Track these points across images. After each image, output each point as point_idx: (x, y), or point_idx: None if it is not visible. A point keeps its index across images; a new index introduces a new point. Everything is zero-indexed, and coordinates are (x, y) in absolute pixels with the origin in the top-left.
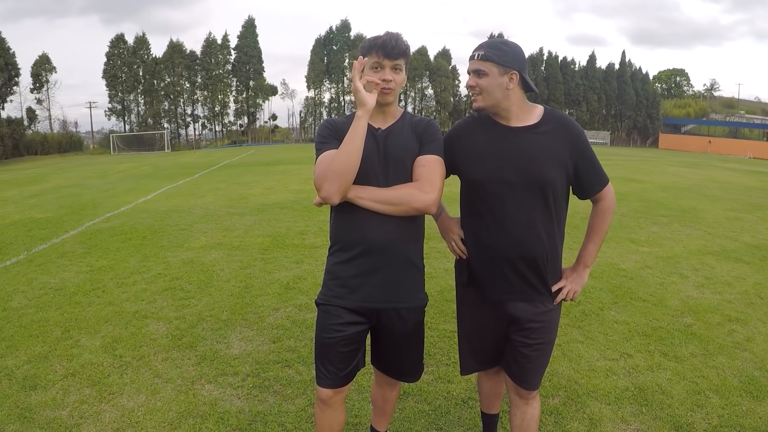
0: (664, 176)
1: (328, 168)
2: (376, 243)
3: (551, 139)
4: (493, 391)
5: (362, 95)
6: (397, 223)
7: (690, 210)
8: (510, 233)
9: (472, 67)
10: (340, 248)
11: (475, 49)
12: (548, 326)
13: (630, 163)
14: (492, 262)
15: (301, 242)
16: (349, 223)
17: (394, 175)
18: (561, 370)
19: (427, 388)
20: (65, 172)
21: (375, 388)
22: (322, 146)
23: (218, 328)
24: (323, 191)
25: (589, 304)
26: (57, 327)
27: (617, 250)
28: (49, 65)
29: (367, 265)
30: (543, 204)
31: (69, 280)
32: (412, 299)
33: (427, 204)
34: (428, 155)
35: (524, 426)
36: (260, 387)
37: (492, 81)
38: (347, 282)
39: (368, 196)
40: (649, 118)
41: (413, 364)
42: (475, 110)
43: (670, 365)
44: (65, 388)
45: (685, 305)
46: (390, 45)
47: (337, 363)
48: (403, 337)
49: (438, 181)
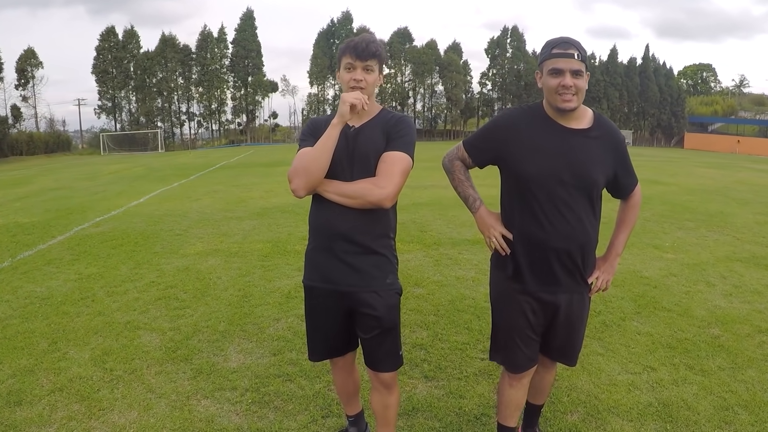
0: (689, 178)
1: (299, 165)
2: (339, 231)
3: (602, 144)
4: (520, 401)
5: (344, 108)
6: (358, 214)
7: (717, 214)
8: (560, 228)
9: (571, 66)
10: (312, 234)
11: (564, 45)
12: (586, 311)
13: (654, 164)
14: (542, 256)
15: (303, 248)
16: (319, 213)
17: (358, 170)
18: (580, 384)
19: (437, 403)
20: (52, 174)
21: (372, 395)
22: (300, 143)
23: (215, 340)
24: (292, 185)
25: (610, 314)
26: (43, 339)
27: (640, 256)
28: (35, 60)
29: (332, 250)
30: (588, 202)
31: (56, 289)
32: (377, 284)
33: (380, 198)
34: (391, 151)
35: (542, 385)
36: (260, 402)
37: (585, 83)
38: (317, 265)
39: (332, 190)
40: (673, 116)
41: (387, 351)
42: (567, 110)
43: (697, 379)
44: (52, 403)
45: (713, 315)
46: (361, 47)
47: (321, 338)
48: (375, 321)
49: (396, 176)
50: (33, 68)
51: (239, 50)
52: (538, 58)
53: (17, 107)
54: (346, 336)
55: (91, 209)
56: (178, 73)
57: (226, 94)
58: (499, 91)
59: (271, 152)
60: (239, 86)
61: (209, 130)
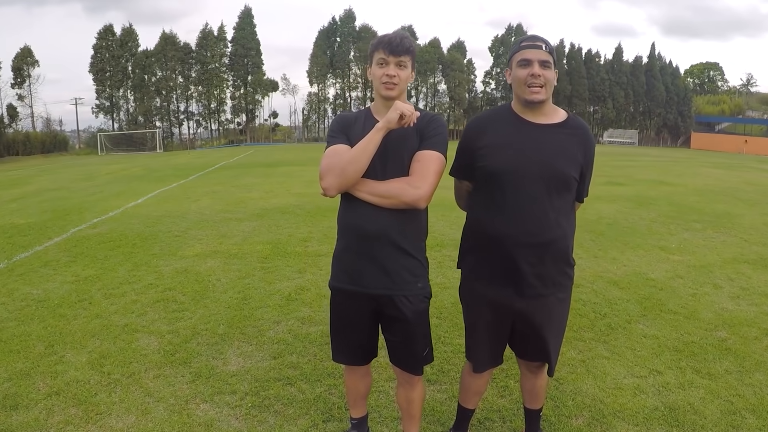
0: (696, 178)
1: (334, 163)
2: (371, 232)
3: (573, 140)
4: (480, 389)
5: (394, 116)
6: (390, 215)
7: (724, 215)
8: (528, 225)
9: (539, 56)
10: (341, 235)
11: (530, 39)
12: (559, 316)
13: (659, 164)
14: (507, 254)
15: (304, 250)
16: (350, 212)
17: (391, 169)
18: (585, 388)
19: (440, 407)
20: (49, 174)
21: (397, 390)
22: (330, 140)
23: (214, 343)
24: (324, 182)
25: (615, 317)
26: (40, 342)
27: (646, 258)
28: (31, 58)
29: (362, 252)
30: (559, 198)
31: (53, 291)
32: (409, 288)
33: (415, 198)
34: (426, 150)
35: (535, 390)
36: (260, 406)
37: (553, 75)
38: (346, 267)
39: (365, 189)
40: (680, 116)
41: (416, 355)
42: (535, 102)
43: (703, 383)
44: (49, 407)
45: (720, 318)
46: (395, 42)
47: (345, 342)
48: (404, 326)
49: (431, 176)
50: (29, 67)
51: (238, 49)
52: (508, 55)
53: (13, 107)
54: (370, 344)
55: (88, 210)
56: (178, 71)
57: (226, 93)
58: (503, 90)
59: (271, 152)
60: (239, 85)
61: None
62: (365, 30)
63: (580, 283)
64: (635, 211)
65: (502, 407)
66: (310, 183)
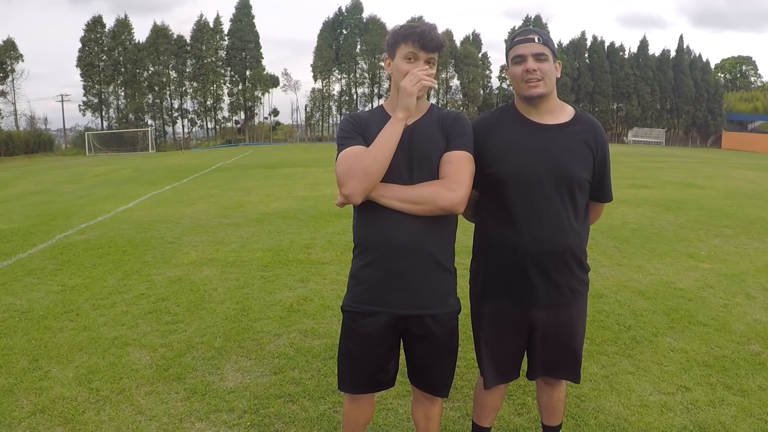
0: (728, 181)
1: (355, 165)
2: (401, 244)
3: (582, 139)
4: (495, 404)
5: (410, 102)
6: (423, 223)
7: (758, 220)
8: (538, 231)
9: (532, 50)
10: (363, 250)
11: (524, 32)
12: (577, 325)
13: (688, 166)
14: (517, 263)
15: (307, 257)
16: (373, 224)
17: (419, 172)
18: (608, 405)
19: (452, 426)
20: (33, 176)
21: (414, 406)
22: (345, 141)
23: (210, 357)
24: (347, 188)
25: (641, 329)
26: (24, 356)
27: (673, 266)
28: (14, 52)
29: (391, 268)
30: (570, 201)
31: (37, 302)
32: (441, 305)
33: (454, 203)
34: (456, 151)
35: (552, 405)
36: (259, 425)
37: (551, 67)
38: (371, 287)
39: (392, 195)
40: (710, 114)
41: (443, 376)
42: (535, 97)
43: (735, 400)
44: (33, 426)
45: (753, 330)
46: (429, 36)
47: (361, 372)
48: (433, 346)
49: (466, 178)
50: (13, 61)
51: (235, 42)
52: (505, 54)
53: None
54: (386, 373)
55: (75, 215)
56: (171, 66)
57: (223, 90)
58: None
59: (271, 152)
60: (236, 81)
61: (204, 129)
62: (373, 21)
63: (603, 293)
64: (662, 215)
65: (519, 426)
66: (314, 186)
